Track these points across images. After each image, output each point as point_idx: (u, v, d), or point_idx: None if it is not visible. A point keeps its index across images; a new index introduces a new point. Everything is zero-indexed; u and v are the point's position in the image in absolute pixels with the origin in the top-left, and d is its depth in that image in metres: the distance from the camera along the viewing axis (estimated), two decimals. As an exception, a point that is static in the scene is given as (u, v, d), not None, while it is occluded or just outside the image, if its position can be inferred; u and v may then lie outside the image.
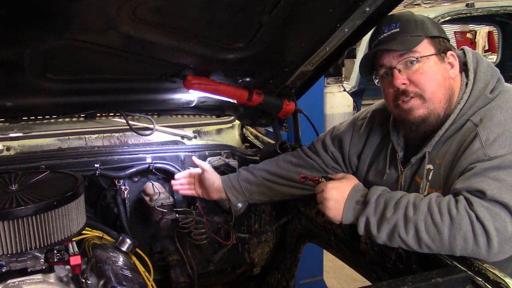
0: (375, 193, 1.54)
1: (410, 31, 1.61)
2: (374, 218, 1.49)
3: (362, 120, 1.97)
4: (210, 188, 2.16)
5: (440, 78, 1.61)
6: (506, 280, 1.30)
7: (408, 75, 1.61)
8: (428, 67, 1.60)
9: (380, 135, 1.88)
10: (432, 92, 1.60)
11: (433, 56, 1.61)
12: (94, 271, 1.58)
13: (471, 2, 5.80)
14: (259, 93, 2.18)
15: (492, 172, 1.43)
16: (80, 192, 1.64)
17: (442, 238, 1.39)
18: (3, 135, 2.39)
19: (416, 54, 1.59)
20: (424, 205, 1.43)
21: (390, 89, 1.66)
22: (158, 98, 2.30)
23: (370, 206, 1.51)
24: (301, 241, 2.42)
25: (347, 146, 1.97)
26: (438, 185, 1.62)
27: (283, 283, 2.62)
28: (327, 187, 1.61)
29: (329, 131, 2.08)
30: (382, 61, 1.65)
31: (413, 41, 1.59)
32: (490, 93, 1.59)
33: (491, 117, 1.53)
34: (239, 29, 1.83)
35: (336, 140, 2.01)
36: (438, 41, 1.64)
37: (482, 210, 1.37)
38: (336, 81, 5.42)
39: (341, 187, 1.60)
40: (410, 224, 1.43)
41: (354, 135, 1.96)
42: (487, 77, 1.62)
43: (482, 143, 1.49)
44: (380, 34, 1.65)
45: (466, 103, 1.61)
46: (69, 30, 1.64)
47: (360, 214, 1.53)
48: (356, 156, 1.94)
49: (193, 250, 2.42)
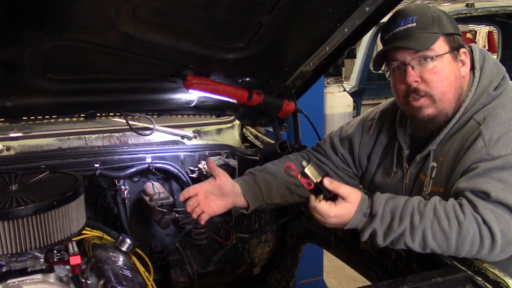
0: (381, 203, 1.48)
1: (426, 28, 1.58)
2: (381, 230, 1.46)
3: (371, 121, 1.94)
4: (229, 195, 1.80)
5: (452, 78, 1.60)
6: (506, 280, 1.30)
7: (421, 72, 1.59)
8: (442, 66, 1.58)
9: (389, 135, 1.87)
10: (442, 93, 1.59)
11: (447, 54, 1.59)
12: (94, 271, 1.58)
13: (471, 2, 5.81)
14: (259, 93, 2.18)
15: (495, 172, 1.42)
16: (80, 192, 1.64)
17: (450, 244, 1.39)
18: (3, 135, 2.39)
19: (431, 53, 1.57)
20: (430, 211, 1.42)
21: (401, 85, 1.64)
22: (158, 98, 2.30)
23: (377, 219, 1.46)
24: (301, 241, 2.42)
25: (357, 147, 1.93)
26: (440, 183, 1.61)
27: (283, 283, 2.62)
28: (328, 215, 1.49)
29: (336, 132, 2.03)
30: (396, 55, 1.62)
31: (429, 39, 1.57)
32: (494, 91, 1.58)
33: (494, 116, 1.52)
34: (239, 29, 1.83)
35: (346, 141, 1.97)
36: (452, 39, 1.62)
37: (488, 212, 1.37)
38: (336, 81, 5.43)
39: (344, 216, 1.50)
40: (417, 231, 1.41)
41: (363, 136, 1.93)
42: (492, 75, 1.61)
43: (485, 142, 1.48)
44: (396, 27, 1.61)
45: (470, 100, 1.60)
46: (69, 30, 1.64)
47: (366, 226, 1.49)
48: (366, 157, 1.92)
49: (193, 250, 2.41)
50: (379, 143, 1.89)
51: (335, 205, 1.48)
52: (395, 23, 1.62)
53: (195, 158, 2.44)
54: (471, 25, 10.98)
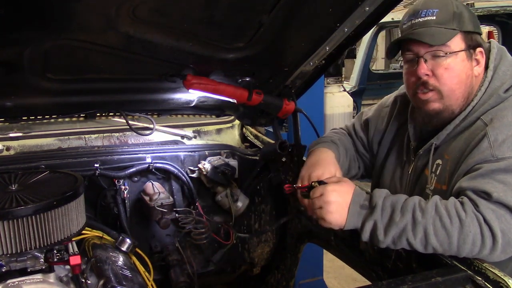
0: (380, 196, 1.50)
1: (445, 23, 1.57)
2: (381, 223, 1.46)
3: (387, 108, 1.98)
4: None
5: (464, 76, 1.60)
6: (506, 280, 1.30)
7: (433, 67, 1.59)
8: (455, 63, 1.58)
9: (399, 123, 1.89)
10: (451, 90, 1.59)
11: (462, 52, 1.59)
12: (94, 271, 1.58)
13: (471, 2, 5.81)
14: (259, 93, 2.18)
15: (499, 174, 1.43)
16: (80, 192, 1.64)
17: (451, 242, 1.38)
18: (3, 135, 2.39)
19: (446, 49, 1.57)
20: (431, 208, 1.42)
21: (412, 76, 1.64)
22: (158, 98, 2.30)
23: (378, 210, 1.47)
24: (301, 241, 2.42)
25: (372, 132, 1.98)
26: (444, 181, 1.61)
27: (283, 283, 2.62)
28: (326, 190, 1.55)
29: (358, 117, 2.09)
30: (411, 46, 1.62)
31: (446, 35, 1.56)
32: (504, 93, 1.58)
33: (501, 117, 1.52)
34: (239, 29, 1.83)
35: (364, 125, 2.03)
36: (470, 37, 1.61)
37: (489, 212, 1.38)
38: (336, 81, 5.43)
39: (342, 190, 1.55)
40: (418, 227, 1.40)
41: (378, 122, 1.97)
42: (506, 77, 1.61)
43: (490, 144, 1.48)
44: (416, 17, 1.60)
45: (479, 100, 1.60)
46: (69, 30, 1.64)
47: (366, 219, 1.49)
48: (377, 143, 1.95)
49: (193, 250, 2.41)
50: (390, 130, 1.92)
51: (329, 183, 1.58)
52: (416, 13, 1.62)
53: (195, 158, 2.44)
54: (471, 25, 10.97)
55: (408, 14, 1.66)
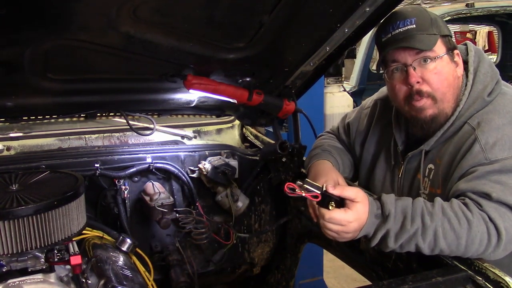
0: (392, 203, 1.45)
1: (426, 29, 1.58)
2: (393, 231, 1.43)
3: (367, 109, 1.99)
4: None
5: (451, 78, 1.62)
6: (506, 280, 1.30)
7: (422, 73, 1.59)
8: (442, 67, 1.60)
9: (382, 126, 1.89)
10: (443, 93, 1.60)
11: (446, 55, 1.61)
12: (94, 271, 1.58)
13: (471, 2, 5.81)
14: (259, 93, 2.18)
15: (494, 175, 1.44)
16: (81, 192, 1.64)
17: (460, 244, 1.38)
18: (3, 135, 2.39)
19: (432, 54, 1.58)
20: (439, 211, 1.41)
21: (402, 86, 1.64)
22: (158, 98, 2.30)
23: (391, 219, 1.42)
24: (301, 241, 2.42)
25: (353, 134, 2.00)
26: (437, 185, 1.63)
27: (283, 283, 2.62)
28: (349, 221, 1.42)
29: (342, 119, 2.11)
30: (397, 57, 1.62)
31: (431, 40, 1.58)
32: (488, 96, 1.59)
33: (489, 121, 1.54)
34: (239, 29, 1.83)
35: (347, 127, 2.05)
36: (448, 40, 1.64)
37: (492, 210, 1.39)
38: (336, 81, 5.43)
39: (361, 218, 1.43)
40: (428, 231, 1.39)
41: (359, 124, 1.98)
42: (487, 79, 1.62)
43: (482, 147, 1.49)
44: (395, 29, 1.61)
45: (464, 104, 1.61)
46: (69, 30, 1.64)
47: (379, 227, 1.45)
48: (360, 144, 1.96)
49: (193, 250, 2.41)
50: (373, 133, 1.93)
51: (349, 208, 1.43)
52: (393, 24, 1.62)
53: (195, 158, 2.44)
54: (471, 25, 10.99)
55: (382, 28, 1.65)
